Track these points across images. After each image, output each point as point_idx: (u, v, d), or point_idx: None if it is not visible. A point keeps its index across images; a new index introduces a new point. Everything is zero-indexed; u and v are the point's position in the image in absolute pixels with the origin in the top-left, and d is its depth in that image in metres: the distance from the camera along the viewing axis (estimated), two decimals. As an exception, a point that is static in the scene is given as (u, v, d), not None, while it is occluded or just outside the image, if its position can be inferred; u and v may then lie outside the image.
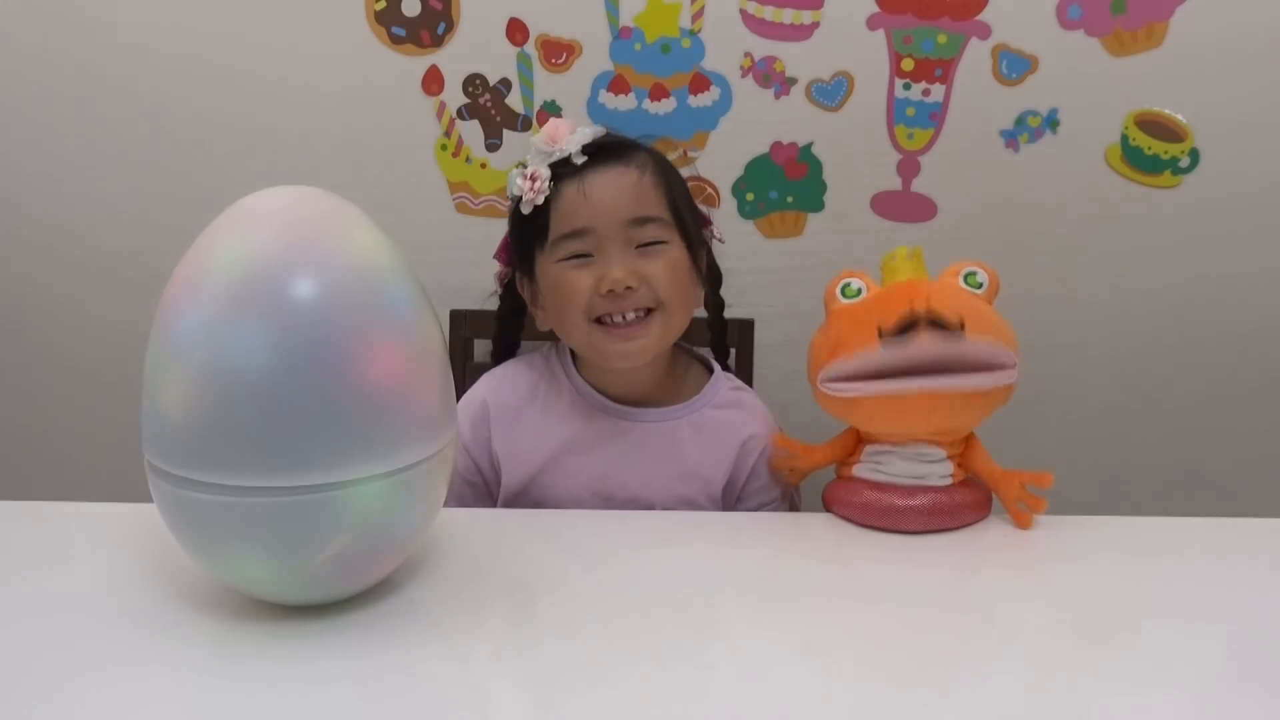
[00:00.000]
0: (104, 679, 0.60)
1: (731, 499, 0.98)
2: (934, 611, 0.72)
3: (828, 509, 0.88)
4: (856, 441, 0.88)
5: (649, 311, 0.90)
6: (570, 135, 0.91)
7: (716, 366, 1.02)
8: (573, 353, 0.99)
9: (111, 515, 0.82)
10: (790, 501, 1.01)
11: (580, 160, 0.90)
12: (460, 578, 0.73)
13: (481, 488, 1.00)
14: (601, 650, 0.65)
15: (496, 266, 1.05)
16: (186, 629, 0.66)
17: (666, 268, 0.90)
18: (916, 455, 0.84)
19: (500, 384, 1.00)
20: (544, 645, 0.66)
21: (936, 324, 0.78)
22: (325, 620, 0.66)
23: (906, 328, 0.78)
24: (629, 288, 0.88)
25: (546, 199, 0.91)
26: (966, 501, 0.84)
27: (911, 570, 0.78)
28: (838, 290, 0.86)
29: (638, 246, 0.90)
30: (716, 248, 1.03)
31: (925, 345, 0.78)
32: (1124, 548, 0.81)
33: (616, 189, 0.90)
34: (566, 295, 0.90)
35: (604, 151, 0.92)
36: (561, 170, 0.91)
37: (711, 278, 1.03)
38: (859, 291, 0.85)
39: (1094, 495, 1.32)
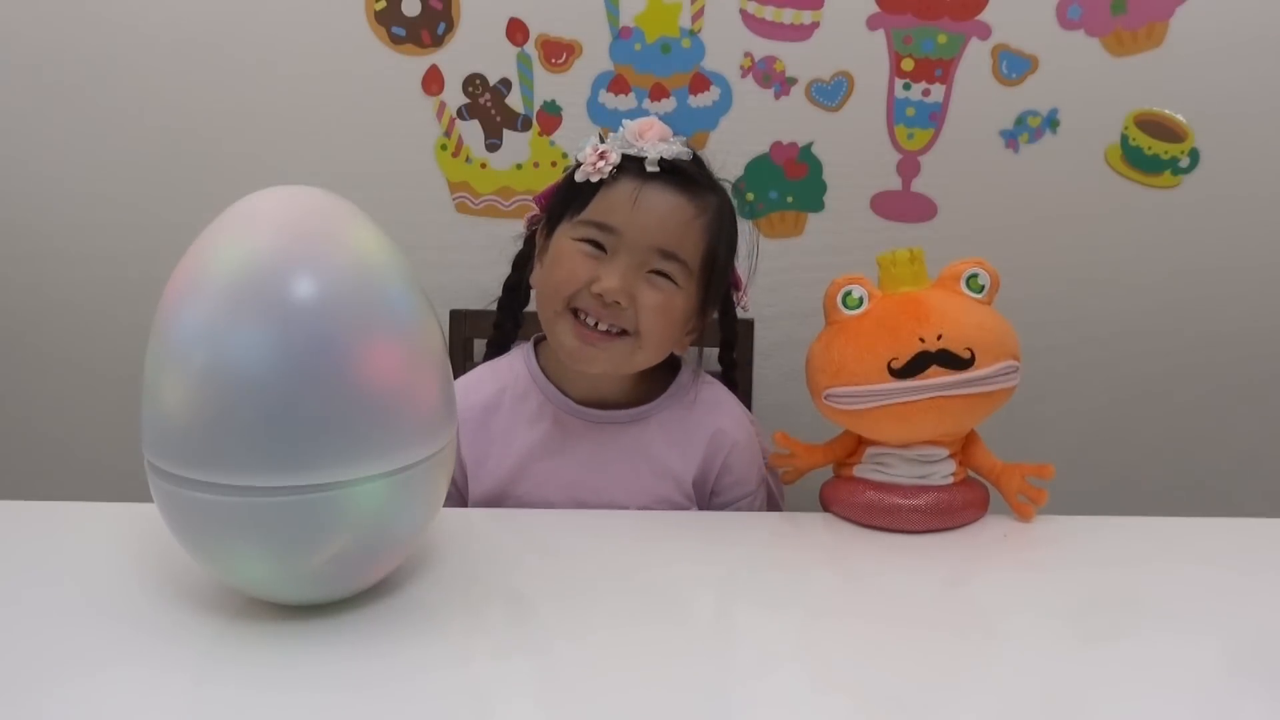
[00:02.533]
0: (104, 679, 0.60)
1: (704, 494, 0.98)
2: (934, 610, 0.72)
3: (826, 509, 0.88)
4: (857, 443, 0.88)
5: (623, 333, 0.89)
6: (656, 142, 0.89)
7: (683, 362, 1.00)
8: (538, 355, 0.98)
9: (111, 515, 0.82)
10: (768, 494, 1.00)
11: (652, 169, 0.88)
12: (460, 578, 0.73)
13: (455, 497, 0.98)
14: (603, 649, 0.65)
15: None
16: (186, 629, 0.66)
17: (661, 305, 0.88)
18: (919, 456, 0.84)
19: (466, 391, 0.96)
20: (544, 645, 0.66)
21: (948, 360, 0.80)
22: (325, 620, 0.66)
23: (918, 367, 0.80)
24: (616, 302, 0.87)
25: (601, 180, 0.89)
26: (967, 500, 0.85)
27: (911, 569, 0.78)
28: (839, 300, 0.86)
29: (649, 271, 0.88)
30: None
31: (938, 379, 0.80)
32: (1124, 548, 0.81)
33: (664, 214, 0.88)
34: (562, 271, 0.89)
35: (677, 174, 0.89)
36: (631, 165, 0.89)
37: (726, 337, 1.04)
38: (860, 300, 0.85)
39: (1094, 495, 1.32)
